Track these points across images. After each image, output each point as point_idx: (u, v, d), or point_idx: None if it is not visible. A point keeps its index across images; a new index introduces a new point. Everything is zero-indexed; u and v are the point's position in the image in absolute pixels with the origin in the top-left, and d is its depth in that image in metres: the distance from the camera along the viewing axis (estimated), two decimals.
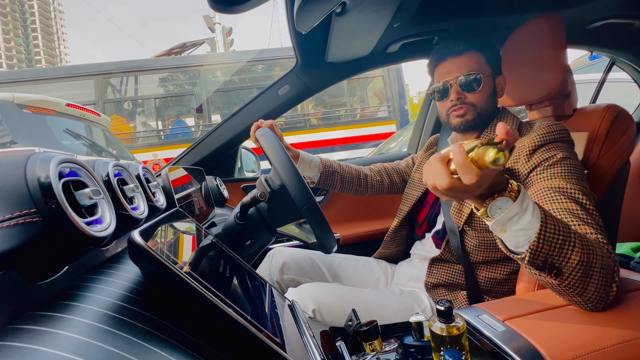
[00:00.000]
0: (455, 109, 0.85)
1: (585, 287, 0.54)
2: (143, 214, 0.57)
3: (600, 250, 0.56)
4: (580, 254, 0.52)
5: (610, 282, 0.56)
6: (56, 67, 8.36)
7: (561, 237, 0.52)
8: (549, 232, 0.51)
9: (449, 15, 1.09)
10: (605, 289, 0.55)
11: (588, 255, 0.53)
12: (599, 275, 0.54)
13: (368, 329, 0.53)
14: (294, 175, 0.72)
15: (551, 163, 0.72)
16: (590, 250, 0.54)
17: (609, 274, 0.56)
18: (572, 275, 0.53)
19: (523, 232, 0.51)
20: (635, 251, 1.24)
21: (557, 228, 0.52)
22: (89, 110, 2.82)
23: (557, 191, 0.67)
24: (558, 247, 0.52)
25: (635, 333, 0.52)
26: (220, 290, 0.42)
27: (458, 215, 0.84)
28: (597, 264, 0.54)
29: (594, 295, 0.55)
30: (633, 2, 1.08)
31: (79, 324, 0.32)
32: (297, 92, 1.32)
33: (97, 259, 0.49)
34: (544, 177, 0.71)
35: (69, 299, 0.36)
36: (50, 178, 0.35)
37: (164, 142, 5.17)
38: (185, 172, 1.13)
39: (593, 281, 0.54)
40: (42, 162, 0.36)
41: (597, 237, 0.60)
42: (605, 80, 1.71)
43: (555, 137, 0.75)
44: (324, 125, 5.43)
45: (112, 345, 0.30)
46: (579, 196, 0.65)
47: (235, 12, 0.65)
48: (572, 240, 0.52)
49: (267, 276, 1.04)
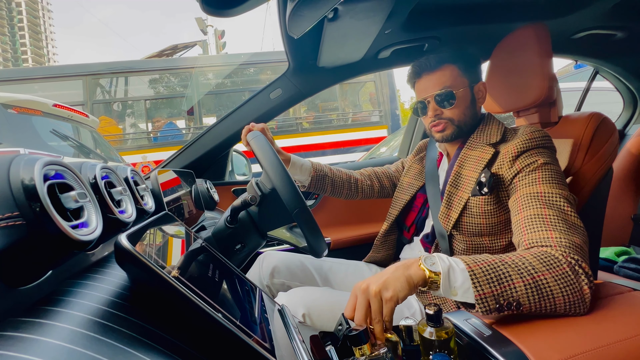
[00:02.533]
0: (434, 125, 0.88)
1: (554, 303, 0.56)
2: (131, 218, 0.56)
3: (545, 265, 0.57)
4: (521, 279, 0.55)
5: (577, 286, 0.56)
6: (44, 66, 8.19)
7: (493, 275, 0.56)
8: (479, 276, 0.55)
9: (438, 23, 1.11)
10: (575, 294, 0.56)
11: (530, 275, 0.56)
12: (557, 287, 0.56)
13: (357, 333, 0.53)
14: (285, 179, 0.72)
15: (533, 169, 0.74)
16: (528, 271, 0.56)
17: (569, 280, 0.56)
18: (531, 300, 0.55)
19: (466, 285, 0.55)
20: (619, 255, 1.27)
21: (484, 269, 0.56)
22: (77, 111, 2.77)
23: (535, 197, 0.70)
24: (497, 284, 0.55)
25: (619, 336, 0.53)
26: (209, 295, 0.42)
27: (446, 220, 0.85)
28: (547, 279, 0.56)
29: (567, 305, 0.56)
30: (615, 14, 1.12)
31: (61, 330, 0.31)
32: (289, 96, 1.33)
33: (83, 263, 0.48)
34: (525, 183, 0.73)
35: (52, 304, 0.35)
36: (34, 180, 0.34)
37: (154, 145, 5.11)
38: (175, 175, 1.11)
39: (557, 294, 0.56)
40: (26, 164, 0.35)
41: (561, 242, 0.61)
42: (589, 89, 1.76)
43: (537, 143, 0.77)
44: (316, 129, 5.44)
45: (96, 352, 0.30)
46: (556, 200, 0.68)
47: (227, 15, 0.65)
48: (504, 272, 0.56)
49: (257, 280, 1.03)
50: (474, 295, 0.54)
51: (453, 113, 0.86)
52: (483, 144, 0.85)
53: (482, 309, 0.55)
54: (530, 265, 0.57)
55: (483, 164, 0.81)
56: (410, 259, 0.60)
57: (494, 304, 0.55)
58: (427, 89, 0.87)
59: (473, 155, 0.85)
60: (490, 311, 0.55)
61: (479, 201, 0.80)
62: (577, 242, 0.62)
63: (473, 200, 0.81)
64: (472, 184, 0.82)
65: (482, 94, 0.90)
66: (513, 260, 0.58)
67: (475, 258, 0.59)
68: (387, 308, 0.54)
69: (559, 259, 0.59)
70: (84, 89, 4.88)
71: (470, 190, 0.82)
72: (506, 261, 0.58)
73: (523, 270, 0.56)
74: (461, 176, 0.86)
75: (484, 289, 0.55)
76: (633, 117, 1.70)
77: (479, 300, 0.54)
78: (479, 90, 0.89)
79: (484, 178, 0.79)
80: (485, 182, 0.78)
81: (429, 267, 0.57)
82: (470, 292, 0.55)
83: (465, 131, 0.89)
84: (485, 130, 0.88)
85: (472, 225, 0.82)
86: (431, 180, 0.95)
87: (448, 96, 0.85)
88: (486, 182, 0.78)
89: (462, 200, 0.83)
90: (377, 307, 0.54)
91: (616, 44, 1.33)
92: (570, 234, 0.63)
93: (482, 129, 0.88)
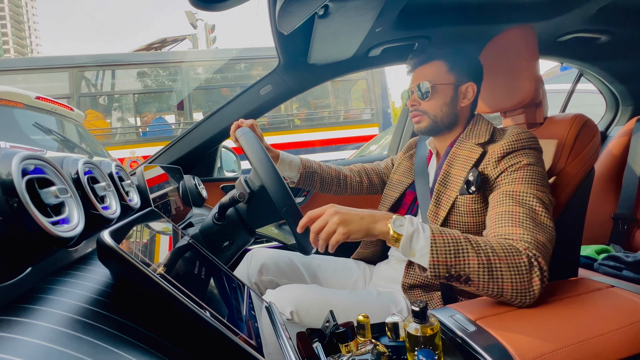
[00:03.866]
0: (412, 115, 0.93)
1: (501, 288, 0.61)
2: (115, 214, 0.55)
3: (505, 252, 0.62)
4: (477, 258, 0.61)
5: (527, 277, 0.61)
6: (28, 57, 7.89)
7: (452, 247, 0.61)
8: (439, 245, 0.61)
9: (429, 22, 1.12)
10: (523, 284, 0.61)
11: (487, 257, 0.61)
12: (508, 273, 0.61)
13: (344, 330, 0.53)
14: (274, 176, 0.71)
15: (515, 169, 0.77)
16: (487, 253, 0.62)
17: (521, 271, 0.61)
18: (480, 278, 0.61)
19: (425, 250, 0.61)
20: (599, 253, 1.31)
21: (446, 240, 0.62)
22: (60, 104, 2.69)
23: (509, 195, 0.73)
24: (453, 256, 0.61)
25: (597, 331, 0.55)
26: (195, 293, 0.41)
27: (434, 217, 0.86)
28: (501, 264, 0.61)
29: (514, 293, 0.61)
30: (600, 18, 1.15)
31: (40, 328, 0.30)
32: (279, 93, 1.32)
33: (64, 260, 0.47)
34: (506, 183, 0.76)
35: (31, 302, 0.34)
36: (12, 175, 0.33)
37: (143, 139, 5.00)
38: (162, 171, 1.10)
39: (506, 280, 0.61)
40: (3, 158, 0.34)
41: (524, 237, 0.65)
42: (574, 91, 1.80)
43: (522, 144, 0.79)
44: (307, 126, 5.41)
45: (76, 350, 0.29)
46: (529, 199, 0.71)
47: (216, 9, 0.64)
48: (464, 248, 0.62)
49: (246, 278, 1.02)
50: (429, 260, 0.60)
51: (429, 106, 0.89)
52: (472, 144, 0.86)
53: (432, 273, 0.60)
54: (491, 249, 0.62)
55: (471, 164, 0.83)
56: (384, 212, 0.67)
57: (444, 272, 0.61)
58: (414, 81, 0.92)
59: (462, 154, 0.87)
60: (440, 278, 0.61)
61: (466, 200, 0.81)
62: (540, 240, 0.66)
63: (461, 199, 0.82)
64: (460, 183, 0.83)
65: (468, 95, 0.91)
66: (477, 240, 0.63)
67: (444, 230, 0.64)
68: (334, 239, 0.63)
69: (520, 251, 0.63)
70: (70, 81, 4.74)
71: (458, 189, 0.83)
72: (471, 239, 0.63)
73: (482, 251, 0.62)
74: (450, 175, 0.87)
75: (439, 257, 0.60)
76: (615, 119, 1.75)
77: (431, 265, 0.60)
78: (466, 92, 0.90)
79: (472, 177, 0.80)
80: (473, 181, 0.80)
81: (394, 228, 0.63)
82: (427, 257, 0.61)
83: (442, 127, 0.91)
84: (474, 130, 0.89)
85: (460, 224, 0.83)
86: (420, 177, 0.97)
87: (427, 88, 0.88)
88: (474, 181, 0.79)
89: (450, 199, 0.84)
90: (328, 232, 0.63)
91: (600, 48, 1.36)
92: (536, 231, 0.67)
93: (472, 129, 0.90)
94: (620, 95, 1.68)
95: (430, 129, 0.92)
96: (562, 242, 0.86)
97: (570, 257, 0.89)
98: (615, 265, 1.15)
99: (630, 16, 1.17)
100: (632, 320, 0.57)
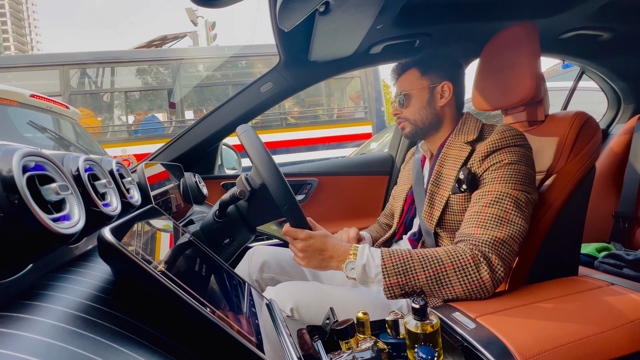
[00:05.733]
0: (397, 123, 0.99)
1: (453, 291, 0.67)
2: (115, 211, 0.55)
3: (451, 258, 0.68)
4: (424, 272, 0.68)
5: (476, 276, 0.66)
6: (19, 55, 7.77)
7: (401, 268, 0.68)
8: (389, 269, 0.69)
9: (430, 19, 1.12)
10: (473, 283, 0.66)
11: (433, 268, 0.68)
12: (456, 278, 0.67)
13: (344, 327, 0.54)
14: (275, 174, 0.71)
15: (497, 167, 0.78)
16: (433, 265, 0.68)
17: (468, 271, 0.67)
18: (432, 289, 0.68)
19: (380, 277, 0.69)
20: (599, 251, 1.30)
21: (394, 262, 0.69)
22: (56, 102, 2.65)
23: (484, 195, 0.76)
24: (403, 276, 0.68)
25: (597, 329, 0.55)
26: (196, 290, 0.41)
27: (429, 218, 0.87)
28: (447, 271, 0.67)
29: (467, 292, 0.67)
30: (602, 15, 1.14)
31: (41, 324, 0.30)
32: (279, 90, 1.32)
33: (65, 256, 0.47)
34: (487, 182, 0.78)
35: (32, 298, 0.34)
36: (13, 172, 0.33)
37: (134, 138, 4.93)
38: (163, 169, 1.10)
39: (455, 284, 0.67)
40: (4, 154, 0.34)
41: (480, 237, 0.70)
42: (575, 89, 1.79)
43: (507, 142, 0.79)
44: (301, 125, 5.34)
45: (77, 346, 0.29)
46: (502, 199, 0.73)
47: (217, 6, 0.64)
48: (412, 266, 0.69)
49: (247, 275, 1.03)
50: (383, 284, 0.68)
51: (408, 112, 0.94)
52: (461, 143, 0.87)
53: (388, 295, 0.68)
54: (438, 260, 0.69)
55: (461, 162, 0.84)
56: (343, 250, 0.75)
57: (399, 291, 0.68)
58: (395, 93, 0.98)
59: (452, 154, 0.88)
60: (396, 297, 0.69)
61: (459, 199, 0.82)
62: (497, 237, 0.69)
63: (453, 198, 0.83)
64: (452, 182, 0.84)
65: (445, 94, 0.92)
66: (425, 255, 0.70)
67: (393, 252, 0.71)
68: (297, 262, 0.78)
69: (465, 253, 0.68)
70: (61, 79, 4.69)
71: (450, 188, 0.84)
72: (419, 255, 0.70)
73: (429, 265, 0.68)
74: (442, 175, 0.88)
75: (391, 280, 0.68)
76: (616, 117, 1.74)
77: (386, 288, 0.68)
78: (442, 91, 0.92)
79: (463, 175, 0.81)
80: (464, 179, 0.80)
81: (347, 272, 0.72)
82: (382, 282, 0.69)
83: (425, 129, 0.94)
84: (463, 129, 0.90)
85: (454, 223, 0.84)
86: (417, 180, 0.98)
87: (404, 97, 0.94)
88: (464, 179, 0.80)
89: (443, 198, 0.85)
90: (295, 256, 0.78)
91: (602, 45, 1.36)
92: (496, 230, 0.70)
93: (460, 128, 0.91)
94: (622, 92, 1.67)
95: (414, 133, 0.95)
96: (563, 240, 0.86)
97: (570, 255, 0.89)
98: (616, 264, 1.15)
99: (633, 13, 1.17)
100: (632, 318, 0.57)
